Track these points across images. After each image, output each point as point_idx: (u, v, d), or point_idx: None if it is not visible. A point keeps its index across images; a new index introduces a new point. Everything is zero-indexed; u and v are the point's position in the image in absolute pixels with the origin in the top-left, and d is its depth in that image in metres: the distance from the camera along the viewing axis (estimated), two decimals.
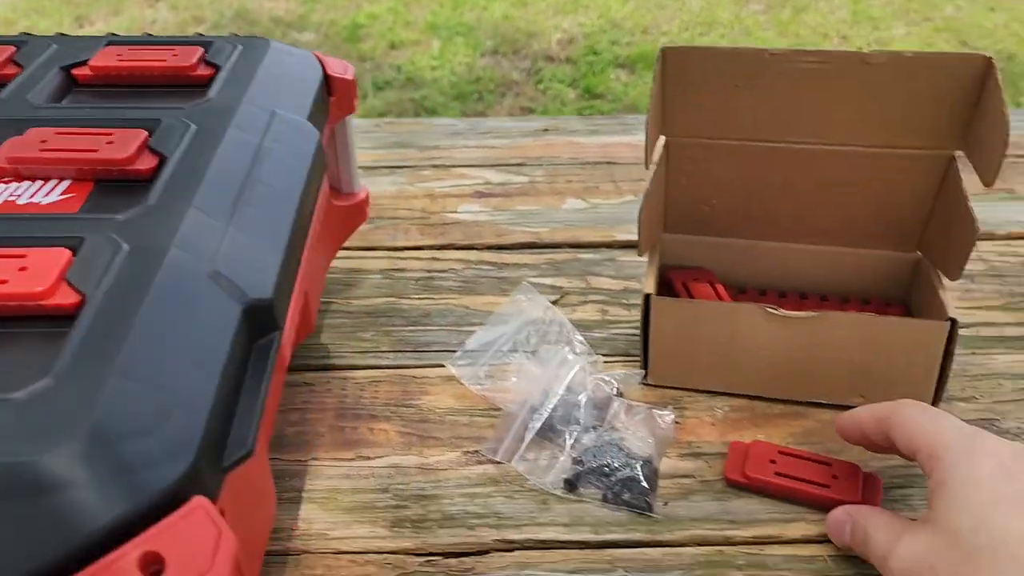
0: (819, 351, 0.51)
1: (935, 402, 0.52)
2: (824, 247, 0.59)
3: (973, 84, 0.50)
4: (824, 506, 0.46)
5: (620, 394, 0.52)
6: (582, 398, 0.50)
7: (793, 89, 0.51)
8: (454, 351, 0.57)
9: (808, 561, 0.43)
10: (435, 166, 0.82)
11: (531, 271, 0.67)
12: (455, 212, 0.74)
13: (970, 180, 0.52)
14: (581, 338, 0.56)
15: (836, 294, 0.60)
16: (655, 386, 0.54)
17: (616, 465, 0.47)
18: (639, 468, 0.47)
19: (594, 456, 0.47)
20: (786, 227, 0.58)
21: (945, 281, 0.54)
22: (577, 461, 0.48)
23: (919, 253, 0.58)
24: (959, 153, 0.53)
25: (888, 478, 0.48)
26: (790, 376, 0.52)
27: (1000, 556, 0.34)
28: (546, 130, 0.89)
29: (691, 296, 0.57)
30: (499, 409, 0.52)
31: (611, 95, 2.41)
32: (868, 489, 0.46)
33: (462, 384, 0.54)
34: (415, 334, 0.59)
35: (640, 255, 0.55)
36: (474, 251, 0.69)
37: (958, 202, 0.52)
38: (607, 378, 0.52)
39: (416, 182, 0.79)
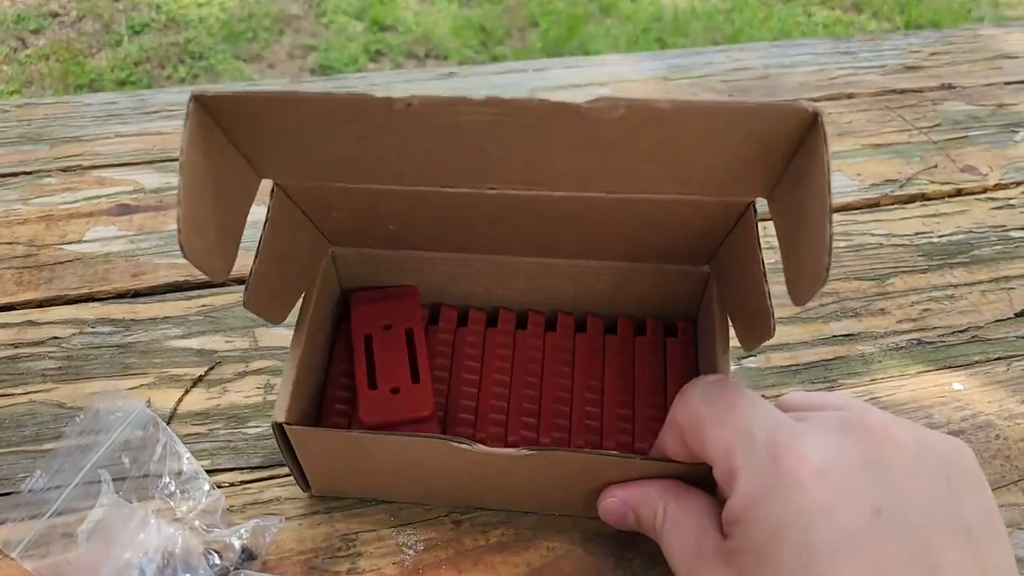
0: (545, 490, 0.35)
1: None
2: (582, 261, 0.41)
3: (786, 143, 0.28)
4: None
5: (251, 557, 0.34)
6: None
7: (455, 142, 0.30)
8: (13, 494, 0.37)
9: None
10: (67, 168, 0.59)
11: (174, 328, 0.47)
12: (79, 241, 0.53)
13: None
14: (194, 463, 0.37)
15: (601, 313, 0.43)
16: (319, 518, 0.36)
17: None
18: None
19: None
20: (529, 242, 0.40)
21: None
22: None
23: (708, 268, 0.41)
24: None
25: None
26: (510, 495, 0.36)
27: None
28: None
29: (372, 367, 0.39)
30: None
31: (402, 26, 2.18)
32: None
33: (10, 559, 0.35)
34: None
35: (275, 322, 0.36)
36: (94, 304, 0.48)
37: (752, 283, 0.33)
38: (230, 537, 0.34)
39: (33, 196, 0.57)
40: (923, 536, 0.24)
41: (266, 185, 0.33)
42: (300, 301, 0.37)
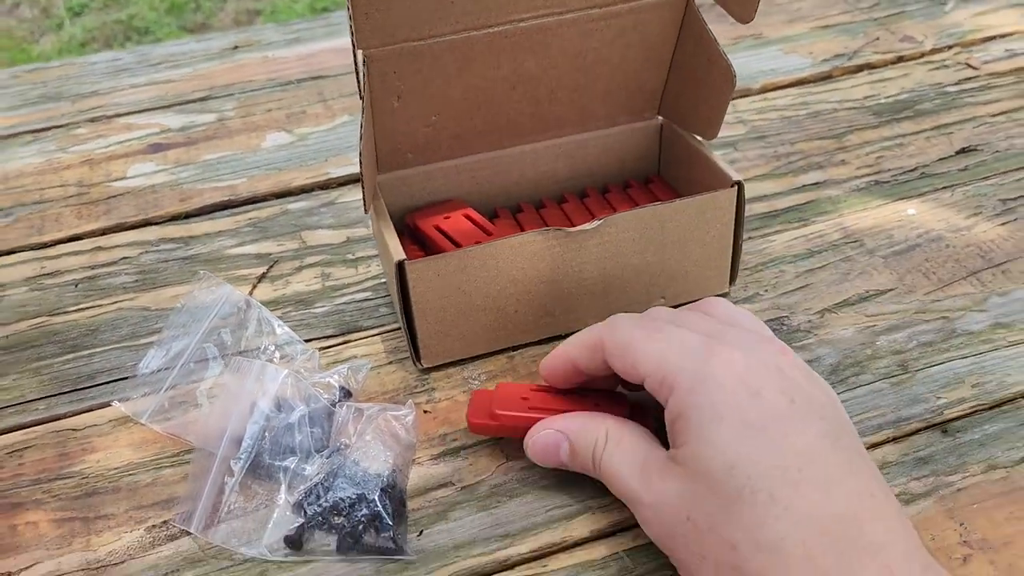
0: (611, 263, 0.43)
1: (732, 279, 0.46)
2: (565, 138, 0.49)
3: None
4: None
5: (348, 394, 0.41)
6: (296, 415, 0.38)
7: None
8: (130, 378, 0.43)
9: (602, 566, 0.35)
10: (93, 119, 0.64)
11: (229, 239, 0.53)
12: (124, 178, 0.58)
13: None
14: (286, 329, 0.43)
15: (592, 186, 0.51)
16: (395, 367, 0.43)
17: (350, 499, 0.36)
18: (379, 497, 0.36)
19: (320, 494, 0.36)
20: (523, 126, 0.47)
21: (705, 143, 0.47)
22: (299, 506, 0.36)
23: (660, 118, 0.50)
24: None
25: None
26: (580, 301, 0.43)
27: (757, 499, 0.29)
28: (235, 47, 0.73)
29: (450, 237, 0.45)
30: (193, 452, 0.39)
31: None
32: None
33: (141, 424, 0.41)
34: (75, 364, 0.45)
35: (367, 211, 0.42)
36: (152, 227, 0.54)
37: (704, 48, 0.44)
38: (329, 378, 0.41)
39: (70, 146, 0.62)
40: (824, 420, 0.31)
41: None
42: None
